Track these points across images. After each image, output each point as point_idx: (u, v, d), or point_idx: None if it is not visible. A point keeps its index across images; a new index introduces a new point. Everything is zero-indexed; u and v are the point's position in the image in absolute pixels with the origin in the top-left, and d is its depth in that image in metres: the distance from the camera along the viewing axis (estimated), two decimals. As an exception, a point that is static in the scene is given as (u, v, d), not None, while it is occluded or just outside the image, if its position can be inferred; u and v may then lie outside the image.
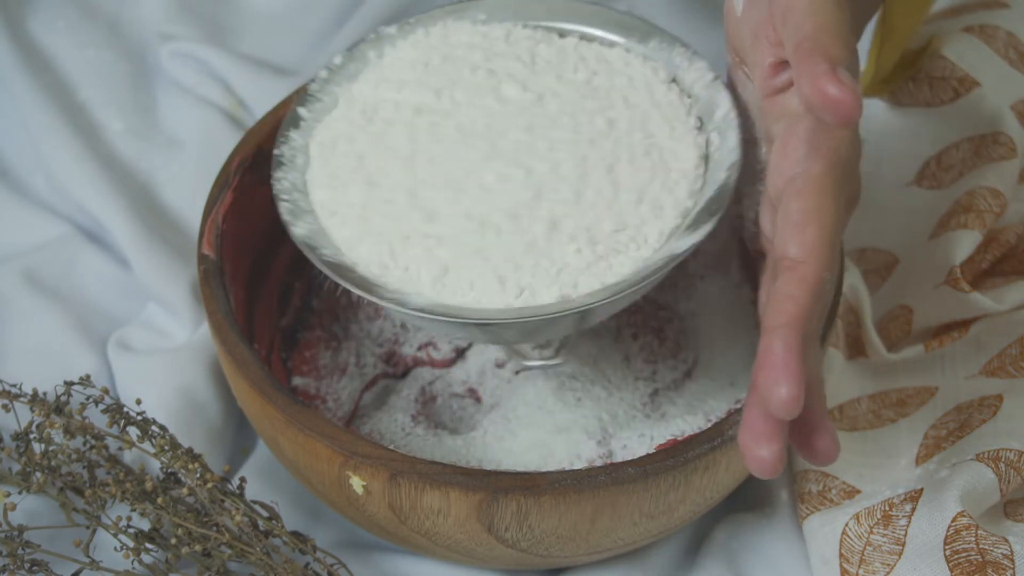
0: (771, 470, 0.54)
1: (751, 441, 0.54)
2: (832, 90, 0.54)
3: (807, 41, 0.56)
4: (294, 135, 0.67)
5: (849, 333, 0.78)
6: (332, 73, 0.69)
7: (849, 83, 0.54)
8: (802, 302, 0.55)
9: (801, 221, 0.56)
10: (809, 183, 0.57)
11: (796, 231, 0.56)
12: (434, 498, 0.62)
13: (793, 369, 0.53)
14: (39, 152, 0.85)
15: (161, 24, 0.92)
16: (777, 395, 0.53)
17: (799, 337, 0.54)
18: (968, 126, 0.80)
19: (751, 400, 0.55)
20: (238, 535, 0.65)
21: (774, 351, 0.54)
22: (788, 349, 0.53)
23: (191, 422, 0.74)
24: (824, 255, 0.56)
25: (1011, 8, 0.83)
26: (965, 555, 0.66)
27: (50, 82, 0.88)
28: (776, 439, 0.54)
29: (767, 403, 0.53)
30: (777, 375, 0.53)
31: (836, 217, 0.57)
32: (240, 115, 0.89)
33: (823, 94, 0.54)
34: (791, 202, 0.57)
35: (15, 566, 0.66)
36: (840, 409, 0.76)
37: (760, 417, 0.54)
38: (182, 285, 0.80)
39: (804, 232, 0.56)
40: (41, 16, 0.90)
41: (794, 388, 0.53)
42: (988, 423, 0.71)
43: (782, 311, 0.55)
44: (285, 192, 0.65)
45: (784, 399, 0.53)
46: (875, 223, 0.82)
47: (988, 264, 0.77)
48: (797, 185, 0.57)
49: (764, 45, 0.61)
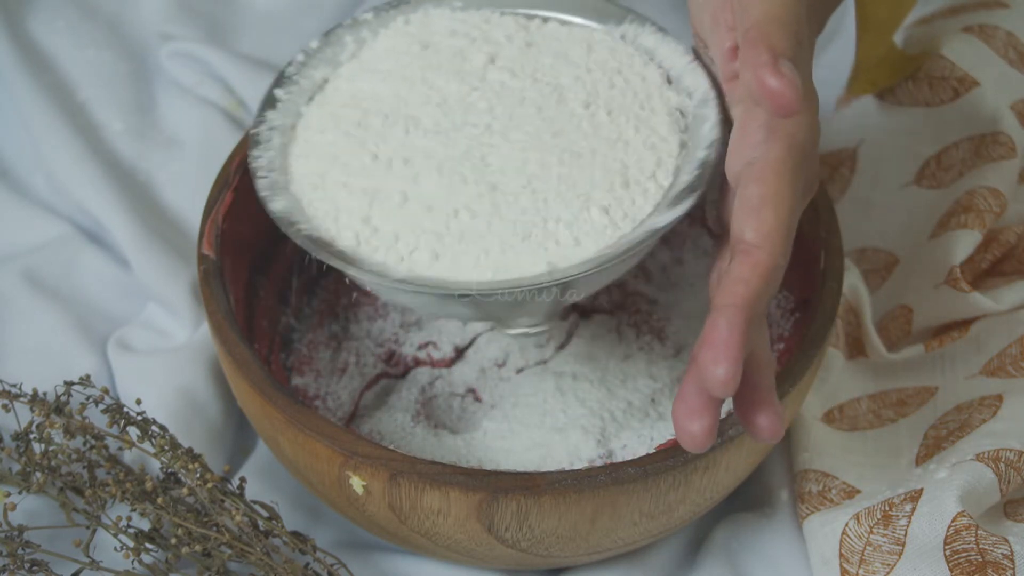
0: (700, 444, 0.55)
1: (683, 415, 0.55)
2: (771, 82, 0.55)
3: (753, 29, 0.57)
4: (271, 115, 0.67)
5: (849, 333, 0.78)
6: (309, 57, 0.69)
7: (789, 75, 0.55)
8: (752, 286, 0.55)
9: (758, 206, 0.57)
10: (767, 168, 0.57)
11: (753, 216, 0.57)
12: (434, 498, 0.62)
13: (733, 351, 0.54)
14: (39, 152, 0.85)
15: (161, 24, 0.92)
16: (714, 374, 0.54)
17: (745, 320, 0.55)
18: (968, 126, 0.80)
19: (689, 375, 0.56)
20: (238, 535, 0.65)
21: (718, 330, 0.54)
22: (732, 330, 0.54)
23: (191, 422, 0.74)
24: (779, 241, 0.56)
25: (1011, 8, 0.83)
26: (965, 555, 0.66)
27: (50, 82, 0.88)
28: (707, 414, 0.55)
29: (704, 380, 0.54)
30: (717, 354, 0.54)
31: (793, 203, 0.57)
32: (240, 115, 0.89)
33: (763, 84, 0.55)
34: (749, 186, 0.57)
35: (15, 566, 0.66)
36: (840, 409, 0.76)
37: (695, 392, 0.55)
38: (182, 285, 0.80)
39: (760, 217, 0.56)
40: (41, 16, 0.90)
41: (731, 369, 0.54)
42: (988, 423, 0.71)
43: (732, 292, 0.55)
44: (263, 169, 0.65)
45: (721, 378, 0.54)
46: (875, 223, 0.82)
47: (988, 264, 0.77)
48: (755, 169, 0.58)
49: (722, 29, 0.62)
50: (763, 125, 0.59)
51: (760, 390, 0.57)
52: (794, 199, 0.57)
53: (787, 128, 0.58)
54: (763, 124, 0.59)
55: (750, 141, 0.59)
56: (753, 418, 0.57)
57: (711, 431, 0.55)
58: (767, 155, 0.58)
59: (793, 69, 0.55)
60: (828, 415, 0.76)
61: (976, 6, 0.84)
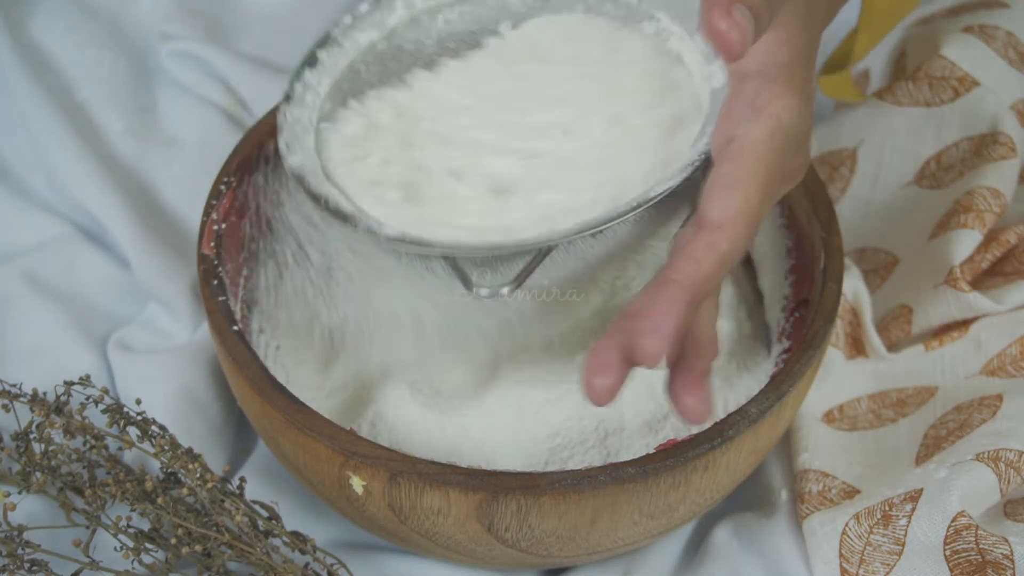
0: (602, 399, 0.54)
1: (594, 367, 0.54)
2: (720, 24, 0.54)
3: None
4: (308, 74, 0.66)
5: (849, 333, 0.78)
6: (357, 20, 0.68)
7: (741, 20, 0.54)
8: (704, 267, 0.54)
9: (728, 186, 0.56)
10: (745, 147, 0.56)
11: (720, 195, 0.55)
12: (434, 498, 0.62)
13: (667, 328, 0.53)
14: (39, 152, 0.85)
15: (161, 24, 0.92)
16: (641, 345, 0.53)
17: (687, 301, 0.54)
18: (968, 126, 0.80)
19: (613, 331, 0.55)
20: (238, 535, 0.65)
21: (657, 304, 0.54)
22: (670, 307, 0.53)
23: (191, 422, 0.74)
24: (741, 227, 0.55)
25: (1011, 8, 0.83)
26: (965, 555, 0.66)
27: (50, 82, 0.88)
28: (616, 374, 0.54)
29: (630, 347, 0.53)
30: (648, 327, 0.53)
31: (766, 189, 0.56)
32: (240, 115, 0.89)
33: (711, 24, 0.55)
34: (724, 164, 0.56)
35: (15, 566, 0.66)
36: (840, 409, 0.76)
37: (612, 349, 0.54)
38: (182, 285, 0.80)
39: (727, 199, 0.55)
40: (41, 16, 0.90)
41: (660, 345, 0.53)
42: (988, 423, 0.71)
43: (682, 270, 0.54)
44: (288, 125, 0.64)
45: (647, 351, 0.53)
46: (875, 223, 0.82)
47: (988, 264, 0.77)
48: (734, 148, 0.56)
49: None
50: (748, 103, 0.57)
51: (695, 372, 0.57)
52: (769, 185, 0.56)
53: (772, 109, 0.57)
54: (748, 102, 0.57)
55: (734, 118, 0.58)
56: (681, 397, 0.57)
57: (615, 390, 0.54)
58: (748, 134, 0.56)
59: (747, 15, 0.55)
60: (828, 415, 0.76)
61: (976, 6, 0.84)
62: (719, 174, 0.56)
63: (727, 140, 0.57)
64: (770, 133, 0.57)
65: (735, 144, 0.56)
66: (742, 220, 0.55)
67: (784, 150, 0.57)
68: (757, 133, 0.56)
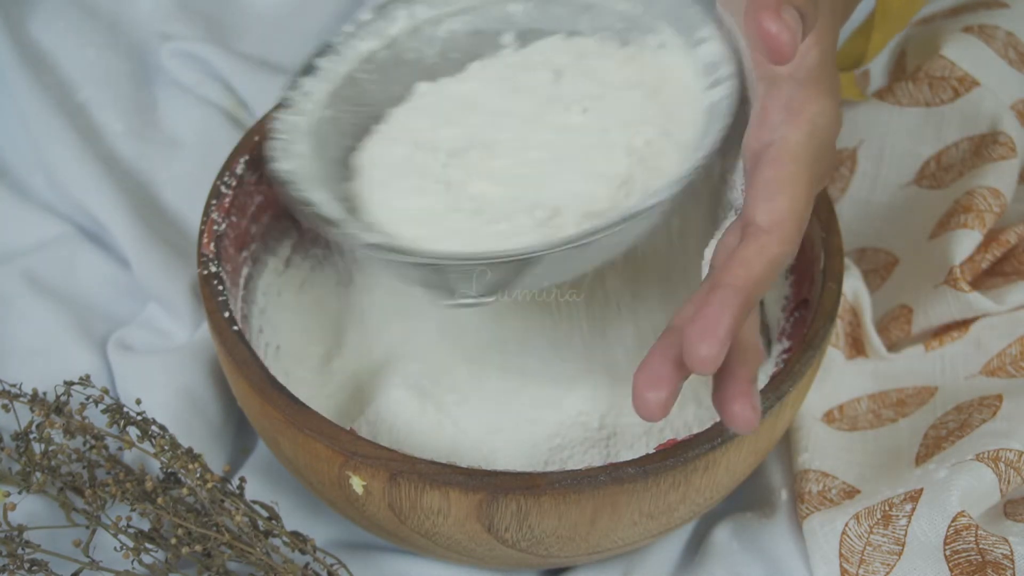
0: (655, 415, 0.54)
1: (646, 381, 0.54)
2: (770, 26, 0.54)
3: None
4: (305, 82, 0.66)
5: (849, 333, 0.78)
6: (358, 28, 0.68)
7: (791, 23, 0.54)
8: (755, 271, 0.54)
9: (773, 190, 0.56)
10: (785, 151, 0.56)
11: (766, 200, 0.56)
12: (434, 498, 0.62)
13: (722, 332, 0.53)
14: (39, 152, 0.85)
15: (161, 24, 0.92)
16: (698, 350, 0.52)
17: (741, 304, 0.54)
18: (968, 126, 0.80)
19: (662, 343, 0.54)
20: (238, 535, 0.65)
21: (712, 307, 0.53)
22: (725, 310, 0.53)
23: (191, 422, 0.74)
24: (790, 228, 0.55)
25: (1011, 8, 0.83)
26: (965, 555, 0.66)
27: (50, 82, 0.88)
28: (669, 386, 0.54)
29: (685, 354, 0.53)
30: (704, 332, 0.53)
31: (808, 190, 0.56)
32: (240, 115, 0.89)
33: (761, 27, 0.54)
34: (765, 169, 0.56)
35: (15, 566, 0.66)
36: (840, 409, 0.76)
37: (664, 361, 0.54)
38: (182, 285, 0.80)
39: (773, 201, 0.56)
40: (41, 16, 0.90)
41: (716, 349, 0.52)
42: (988, 423, 0.71)
43: (735, 273, 0.54)
44: (281, 133, 0.64)
45: (703, 356, 0.52)
46: (875, 223, 0.82)
47: (988, 264, 0.77)
48: (773, 152, 0.57)
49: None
50: (784, 107, 0.58)
51: (739, 379, 0.56)
52: (810, 186, 0.56)
53: (808, 112, 0.57)
54: (784, 106, 0.58)
55: (770, 122, 0.58)
56: (729, 406, 0.56)
57: (669, 404, 0.54)
58: (786, 138, 0.57)
59: (796, 18, 0.54)
60: (828, 415, 0.76)
61: (976, 6, 0.84)
62: (762, 178, 0.56)
63: (764, 144, 0.57)
64: (808, 136, 0.57)
65: (774, 148, 0.57)
66: (790, 222, 0.55)
67: (819, 152, 0.57)
68: (795, 136, 0.57)
